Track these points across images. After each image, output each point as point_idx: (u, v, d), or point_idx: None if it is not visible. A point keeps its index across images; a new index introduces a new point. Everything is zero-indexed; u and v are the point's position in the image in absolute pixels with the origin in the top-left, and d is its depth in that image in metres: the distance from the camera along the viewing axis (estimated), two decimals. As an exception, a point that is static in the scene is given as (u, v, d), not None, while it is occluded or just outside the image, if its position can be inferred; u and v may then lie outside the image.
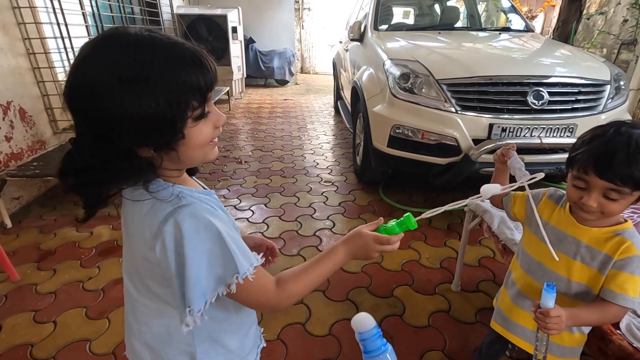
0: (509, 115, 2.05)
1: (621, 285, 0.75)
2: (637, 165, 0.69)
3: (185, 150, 0.53)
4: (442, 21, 3.74)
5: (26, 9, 2.51)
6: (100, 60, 0.47)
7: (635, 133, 0.71)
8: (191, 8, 6.00)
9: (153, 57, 0.47)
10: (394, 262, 1.92)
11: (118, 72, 0.46)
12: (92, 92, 0.46)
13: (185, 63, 0.49)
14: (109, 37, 0.49)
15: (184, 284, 0.51)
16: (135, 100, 0.46)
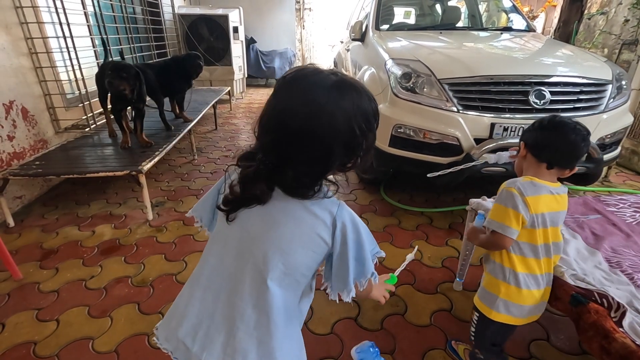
0: (511, 114, 2.05)
1: (490, 212, 1.02)
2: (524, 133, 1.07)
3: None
4: (444, 21, 3.74)
5: (28, 8, 2.52)
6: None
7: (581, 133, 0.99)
8: (192, 8, 6.00)
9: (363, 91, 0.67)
10: (396, 260, 1.92)
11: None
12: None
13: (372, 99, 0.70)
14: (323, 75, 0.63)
15: (362, 252, 0.67)
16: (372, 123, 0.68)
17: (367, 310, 1.59)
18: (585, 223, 1.35)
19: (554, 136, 0.98)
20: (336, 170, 0.65)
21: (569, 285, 0.99)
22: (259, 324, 0.64)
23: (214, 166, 3.25)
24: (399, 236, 2.15)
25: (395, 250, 2.03)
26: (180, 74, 3.23)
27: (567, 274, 1.02)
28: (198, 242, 2.08)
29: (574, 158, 0.98)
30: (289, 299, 0.67)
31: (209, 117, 4.63)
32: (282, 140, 0.60)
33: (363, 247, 0.67)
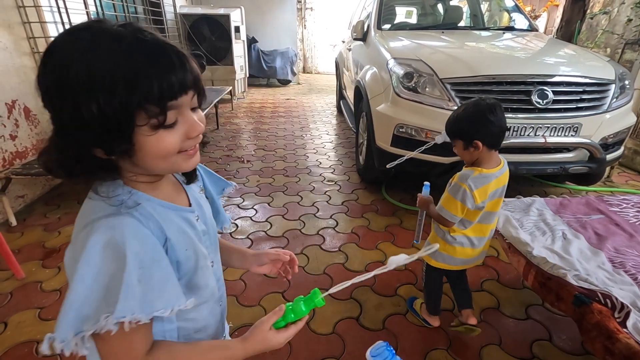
0: (513, 114, 2.04)
1: (442, 198, 1.20)
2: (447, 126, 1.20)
3: (142, 157, 0.47)
4: (445, 21, 3.73)
5: (31, 7, 2.52)
6: (61, 53, 0.43)
7: (467, 106, 1.15)
8: (194, 8, 6.01)
9: (103, 53, 0.42)
10: (398, 261, 1.92)
11: (69, 67, 0.42)
12: (50, 87, 0.44)
13: (138, 61, 0.43)
14: (79, 29, 0.44)
15: (65, 303, 0.43)
16: (79, 98, 0.42)
17: (369, 310, 1.58)
18: (588, 223, 1.34)
19: (487, 121, 1.11)
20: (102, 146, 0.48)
21: (571, 285, 0.99)
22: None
23: (215, 166, 3.25)
24: (401, 236, 2.15)
25: (398, 250, 2.02)
26: None
27: (569, 274, 1.02)
28: (200, 241, 2.08)
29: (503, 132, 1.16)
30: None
31: (210, 117, 4.64)
32: None
33: (67, 299, 0.44)
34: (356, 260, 1.93)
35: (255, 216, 2.38)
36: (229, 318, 1.52)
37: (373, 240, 2.10)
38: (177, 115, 0.48)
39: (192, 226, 0.58)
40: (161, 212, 0.53)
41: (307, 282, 1.76)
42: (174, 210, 0.55)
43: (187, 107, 0.49)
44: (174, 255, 0.53)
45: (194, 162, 0.53)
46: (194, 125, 0.50)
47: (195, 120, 0.50)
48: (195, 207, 0.61)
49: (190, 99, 0.49)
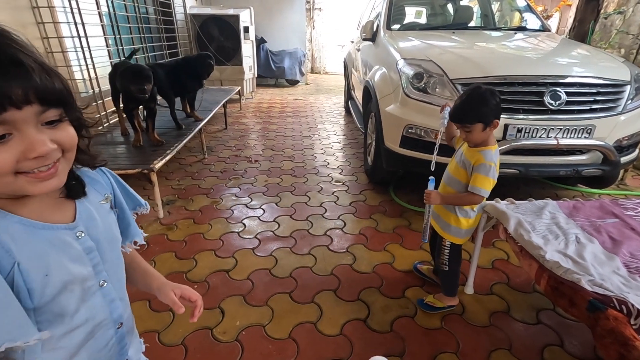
0: (525, 115, 2.02)
1: (473, 179, 1.30)
2: (465, 114, 1.29)
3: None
4: (456, 21, 3.69)
5: (45, 8, 2.57)
6: None
7: (466, 95, 1.30)
8: (204, 8, 6.05)
9: None
10: (406, 262, 1.90)
11: None
12: None
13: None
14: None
15: None
16: None
17: (376, 312, 1.57)
18: (603, 227, 1.32)
19: (496, 102, 1.26)
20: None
21: (586, 291, 0.97)
22: None
23: (224, 165, 3.27)
24: (409, 237, 2.14)
25: (405, 251, 2.01)
26: (192, 74, 3.25)
27: (584, 279, 1.00)
28: (208, 240, 2.10)
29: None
30: None
31: (219, 117, 4.67)
32: None
33: None
34: (364, 262, 1.92)
35: (263, 216, 2.39)
36: (236, 317, 1.53)
37: (381, 242, 2.09)
38: (8, 130, 0.42)
39: (65, 245, 0.52)
40: (16, 232, 0.47)
41: (314, 282, 1.75)
42: (39, 230, 0.49)
43: (27, 124, 0.43)
44: (23, 282, 0.46)
45: (49, 186, 0.47)
46: (33, 144, 0.43)
47: (37, 138, 0.43)
48: (81, 222, 0.55)
49: (34, 115, 0.43)
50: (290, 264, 1.90)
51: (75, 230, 0.54)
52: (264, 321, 1.52)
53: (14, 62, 0.41)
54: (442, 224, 1.49)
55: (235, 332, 1.46)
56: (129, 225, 0.68)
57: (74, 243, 0.53)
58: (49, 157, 0.45)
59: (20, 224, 0.47)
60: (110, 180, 0.65)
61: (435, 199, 1.36)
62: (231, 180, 2.94)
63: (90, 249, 0.55)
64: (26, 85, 0.41)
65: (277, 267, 1.87)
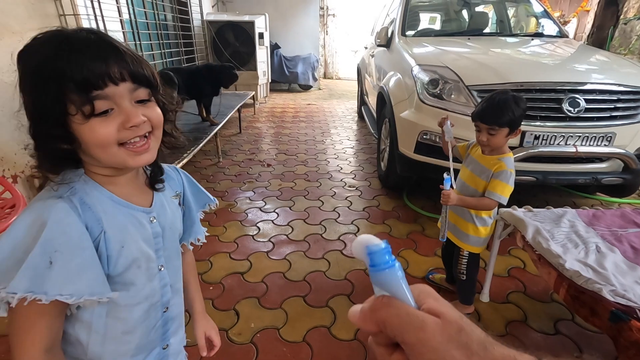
0: (542, 122, 1.99)
1: (493, 186, 1.30)
2: (496, 116, 1.26)
3: (85, 147, 0.50)
4: (471, 27, 3.68)
5: (71, 16, 2.66)
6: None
7: (499, 97, 1.27)
8: (220, 15, 6.17)
9: (38, 51, 0.47)
10: (420, 268, 1.90)
11: (22, 66, 0.48)
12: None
13: (62, 54, 0.46)
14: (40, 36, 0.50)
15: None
16: (25, 93, 0.48)
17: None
18: (624, 237, 1.29)
19: (524, 110, 1.27)
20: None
21: (607, 301, 0.95)
22: None
23: (238, 169, 3.31)
24: (423, 243, 2.13)
25: (419, 257, 2.00)
26: (212, 81, 3.31)
27: (605, 289, 0.98)
28: (223, 243, 2.13)
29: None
30: None
31: (233, 121, 4.73)
32: None
33: None
34: (377, 267, 1.91)
35: (277, 220, 2.41)
36: (250, 319, 1.55)
37: (395, 247, 2.09)
38: (111, 105, 0.49)
39: (140, 226, 0.58)
40: (107, 205, 0.54)
41: (328, 286, 1.76)
42: (123, 207, 0.56)
43: (123, 98, 0.50)
44: (105, 248, 0.53)
45: (143, 160, 0.54)
46: (129, 115, 0.50)
47: (132, 110, 0.50)
48: (155, 209, 0.62)
49: (128, 91, 0.50)
50: (304, 267, 1.91)
51: (150, 214, 0.61)
52: (278, 324, 1.53)
53: (111, 48, 0.49)
54: (460, 234, 1.47)
55: (250, 334, 1.47)
56: (193, 223, 0.74)
57: (147, 225, 0.60)
58: (142, 128, 0.52)
59: (110, 199, 0.55)
60: (182, 179, 0.72)
61: (453, 199, 1.34)
62: (245, 184, 2.98)
63: (157, 234, 0.61)
64: (122, 65, 0.49)
65: (291, 271, 1.88)
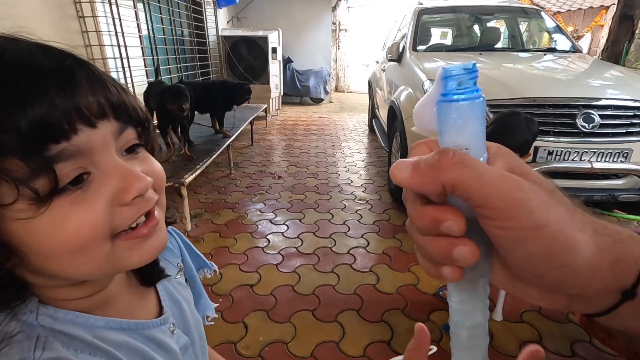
0: (556, 138, 1.97)
1: None
2: (506, 145, 1.14)
3: (40, 261, 0.28)
4: (482, 42, 3.70)
5: (93, 33, 2.78)
6: None
7: (509, 120, 1.24)
8: (235, 30, 6.34)
9: None
10: (431, 284, 1.87)
11: None
12: None
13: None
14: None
15: None
16: None
17: (401, 334, 1.54)
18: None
19: (535, 131, 1.26)
20: None
21: (626, 323, 0.92)
22: None
23: (249, 180, 3.34)
24: (434, 259, 2.10)
25: (430, 273, 1.97)
26: (227, 97, 3.39)
27: (623, 310, 0.95)
28: (233, 254, 2.14)
29: None
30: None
31: (245, 133, 4.80)
32: None
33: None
34: (387, 282, 1.89)
35: (287, 232, 2.42)
36: (259, 332, 1.54)
37: (405, 262, 2.07)
38: (84, 167, 0.28)
39: (164, 348, 0.38)
40: (115, 340, 0.33)
41: (337, 301, 1.75)
42: (132, 331, 0.36)
43: (107, 150, 0.29)
44: None
45: (155, 247, 0.32)
46: (125, 179, 0.29)
47: (127, 169, 0.30)
48: (170, 312, 0.42)
49: (112, 135, 0.30)
50: (313, 281, 1.91)
51: (167, 324, 0.40)
52: (286, 338, 1.52)
53: (72, 63, 0.28)
54: None
55: (258, 348, 1.47)
56: (200, 297, 0.54)
57: (169, 342, 0.39)
58: (149, 200, 0.31)
59: (107, 327, 0.33)
60: (179, 243, 0.51)
61: None
62: (256, 196, 3.01)
63: (185, 347, 0.42)
64: (97, 92, 0.28)
65: (300, 284, 1.88)
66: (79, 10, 2.66)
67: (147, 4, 3.57)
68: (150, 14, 3.65)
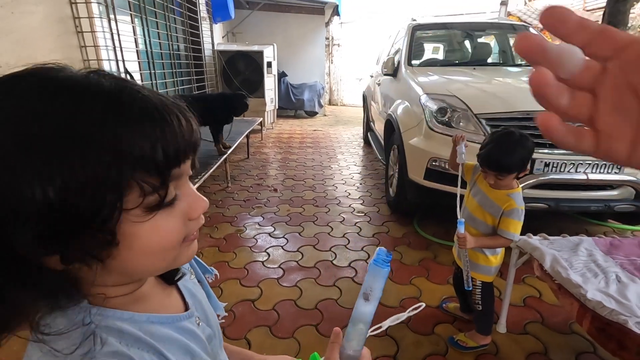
0: (551, 149, 2.01)
1: (506, 225, 1.31)
2: (504, 165, 1.25)
3: (130, 258, 0.33)
4: (474, 57, 3.79)
5: (91, 47, 2.79)
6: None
7: (505, 140, 1.26)
8: (230, 45, 6.41)
9: (74, 107, 0.29)
10: (433, 297, 1.86)
11: (16, 128, 0.27)
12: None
13: (130, 117, 0.30)
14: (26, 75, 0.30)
15: None
16: (29, 174, 0.27)
17: (406, 348, 1.53)
18: (644, 266, 1.28)
19: (531, 149, 1.27)
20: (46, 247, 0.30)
21: (635, 333, 0.93)
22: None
23: (246, 194, 3.33)
24: (436, 271, 2.10)
25: (432, 285, 1.97)
26: (226, 109, 3.40)
27: (631, 321, 0.96)
28: (233, 269, 2.11)
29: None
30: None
31: (241, 146, 4.80)
32: None
33: None
34: (390, 295, 1.88)
35: (287, 246, 2.40)
36: (262, 349, 1.52)
37: (407, 275, 2.06)
38: (175, 190, 0.35)
39: (196, 338, 0.42)
40: (155, 334, 0.36)
41: (340, 315, 1.73)
42: (170, 324, 0.39)
43: (185, 177, 0.37)
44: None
45: (194, 250, 0.40)
46: (195, 201, 0.37)
47: (196, 194, 0.38)
48: (194, 306, 0.46)
49: (189, 165, 0.37)
50: (315, 295, 1.89)
51: (194, 317, 0.44)
52: (291, 354, 1.49)
53: (178, 105, 0.35)
54: (471, 264, 1.45)
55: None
56: (210, 297, 0.57)
57: (199, 332, 0.43)
58: (201, 218, 0.39)
59: (151, 323, 0.37)
60: None
61: (470, 243, 1.32)
62: (254, 209, 2.99)
63: (210, 338, 0.46)
64: (195, 132, 0.36)
65: (302, 298, 1.86)
66: (77, 26, 2.67)
67: (144, 19, 3.60)
68: (148, 29, 3.67)
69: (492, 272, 1.44)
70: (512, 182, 1.33)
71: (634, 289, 1.15)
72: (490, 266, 1.43)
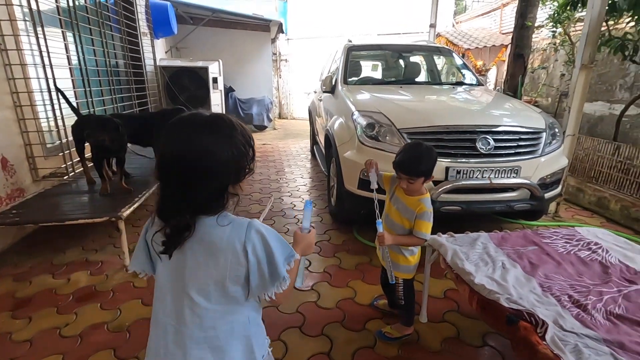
0: (462, 159, 2.32)
1: (419, 226, 1.52)
2: (413, 169, 1.47)
3: (239, 192, 0.81)
4: (406, 75, 4.17)
5: (17, 65, 2.67)
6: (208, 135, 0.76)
7: (414, 150, 1.50)
8: (173, 61, 6.33)
9: (240, 127, 0.80)
10: (367, 296, 2.04)
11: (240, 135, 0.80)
12: (234, 149, 0.76)
13: (240, 128, 0.81)
14: (229, 119, 0.80)
15: (273, 263, 0.77)
16: (236, 150, 0.77)
17: (339, 345, 1.67)
18: (524, 254, 1.55)
19: (435, 158, 1.50)
20: (233, 183, 0.79)
21: (504, 307, 1.16)
22: (206, 339, 0.78)
23: (192, 210, 3.32)
24: (370, 273, 2.28)
25: (366, 286, 2.15)
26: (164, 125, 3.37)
27: (502, 298, 1.19)
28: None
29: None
30: (229, 314, 0.79)
31: (187, 163, 4.75)
32: (180, 177, 0.74)
33: (274, 259, 0.77)
34: (328, 298, 2.03)
35: (231, 259, 2.45)
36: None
37: (344, 279, 2.22)
38: None
39: None
40: None
41: (280, 320, 1.83)
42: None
43: None
44: None
45: None
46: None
47: None
48: None
49: None
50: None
51: None
52: None
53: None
54: (393, 264, 1.62)
55: None
56: None
57: None
58: None
59: None
60: None
61: (388, 240, 1.50)
62: (199, 225, 2.99)
63: None
64: None
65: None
66: (1, 43, 2.56)
67: (77, 35, 3.49)
68: (82, 45, 3.56)
69: (411, 270, 1.64)
70: (421, 188, 1.54)
71: (514, 273, 1.40)
72: (409, 265, 1.63)
